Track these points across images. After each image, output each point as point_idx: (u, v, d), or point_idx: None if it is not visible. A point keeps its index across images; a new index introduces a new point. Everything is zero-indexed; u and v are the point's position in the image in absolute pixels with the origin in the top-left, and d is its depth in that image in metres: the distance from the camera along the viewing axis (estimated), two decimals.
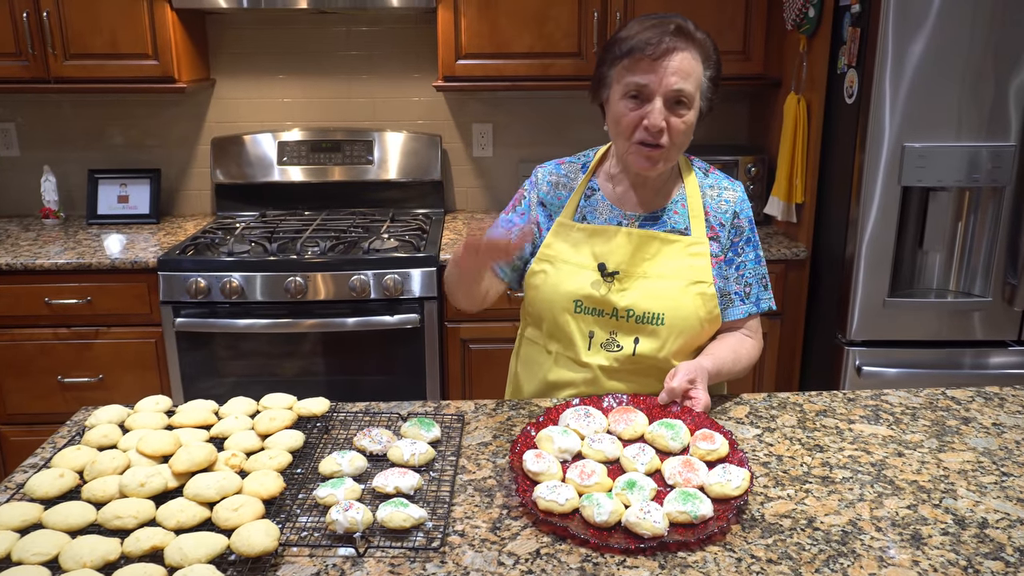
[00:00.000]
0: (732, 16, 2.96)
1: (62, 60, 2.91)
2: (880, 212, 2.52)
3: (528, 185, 1.72)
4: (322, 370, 2.81)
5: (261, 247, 2.80)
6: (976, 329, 2.62)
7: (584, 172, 1.68)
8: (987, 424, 1.51)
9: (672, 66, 1.47)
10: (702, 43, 1.51)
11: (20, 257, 2.74)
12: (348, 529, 1.14)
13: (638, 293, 1.58)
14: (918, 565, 1.10)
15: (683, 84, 1.48)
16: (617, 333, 1.60)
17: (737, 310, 1.66)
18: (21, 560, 1.08)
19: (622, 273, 1.59)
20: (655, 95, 1.48)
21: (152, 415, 1.46)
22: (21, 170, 3.37)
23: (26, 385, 2.81)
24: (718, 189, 1.66)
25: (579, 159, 1.72)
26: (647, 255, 1.59)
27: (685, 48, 1.48)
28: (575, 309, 1.60)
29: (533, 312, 1.68)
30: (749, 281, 1.66)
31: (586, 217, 1.65)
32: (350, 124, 3.40)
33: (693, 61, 1.49)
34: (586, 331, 1.61)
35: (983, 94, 2.42)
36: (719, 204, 1.64)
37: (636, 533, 1.13)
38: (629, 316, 1.58)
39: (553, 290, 1.62)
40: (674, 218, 1.63)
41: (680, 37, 1.48)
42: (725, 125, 3.45)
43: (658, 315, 1.57)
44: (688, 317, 1.58)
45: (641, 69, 1.48)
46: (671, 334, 1.58)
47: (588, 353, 1.61)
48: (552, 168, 1.71)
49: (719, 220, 1.63)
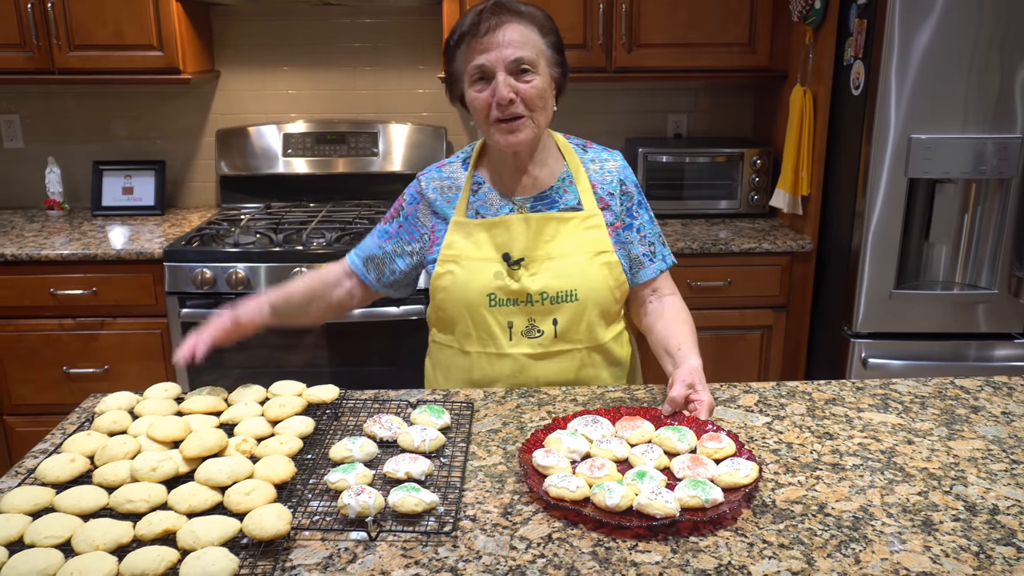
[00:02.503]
0: (737, 8, 2.96)
1: (67, 51, 2.90)
2: (886, 204, 2.52)
3: (408, 197, 1.73)
4: (328, 361, 2.81)
5: (267, 238, 2.80)
6: (982, 321, 2.62)
7: (466, 168, 1.70)
8: (996, 413, 1.51)
9: (502, 38, 1.51)
10: (530, 15, 1.55)
11: (25, 248, 2.74)
12: (360, 513, 1.14)
13: (548, 275, 1.61)
14: (930, 550, 1.10)
15: (519, 52, 1.52)
16: (535, 319, 1.62)
17: (648, 270, 1.71)
18: (34, 543, 1.08)
19: (527, 259, 1.61)
20: (495, 70, 1.52)
21: (161, 401, 1.46)
22: (26, 162, 3.37)
23: (32, 376, 2.82)
24: (599, 161, 1.70)
25: (458, 157, 1.74)
26: (547, 236, 1.62)
27: (511, 20, 1.52)
28: (490, 303, 1.62)
29: (444, 315, 1.69)
30: (651, 240, 1.71)
31: (479, 211, 1.66)
32: (355, 116, 3.40)
33: (525, 30, 1.53)
34: (505, 323, 1.63)
35: (990, 86, 2.41)
36: (603, 175, 1.68)
37: (648, 514, 1.13)
38: (544, 299, 1.61)
39: (464, 288, 1.63)
40: (564, 196, 1.66)
41: (503, 12, 1.53)
42: (731, 118, 3.45)
43: (571, 292, 1.61)
44: (599, 288, 1.62)
45: (476, 51, 1.53)
46: (586, 307, 1.62)
47: (511, 344, 1.64)
48: (434, 174, 1.72)
49: (607, 190, 1.67)
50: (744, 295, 2.88)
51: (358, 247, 1.78)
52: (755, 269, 2.84)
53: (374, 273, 1.74)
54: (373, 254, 1.74)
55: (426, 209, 1.70)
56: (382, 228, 1.75)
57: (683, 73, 3.06)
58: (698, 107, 3.44)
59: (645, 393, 1.60)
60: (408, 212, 1.71)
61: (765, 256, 2.83)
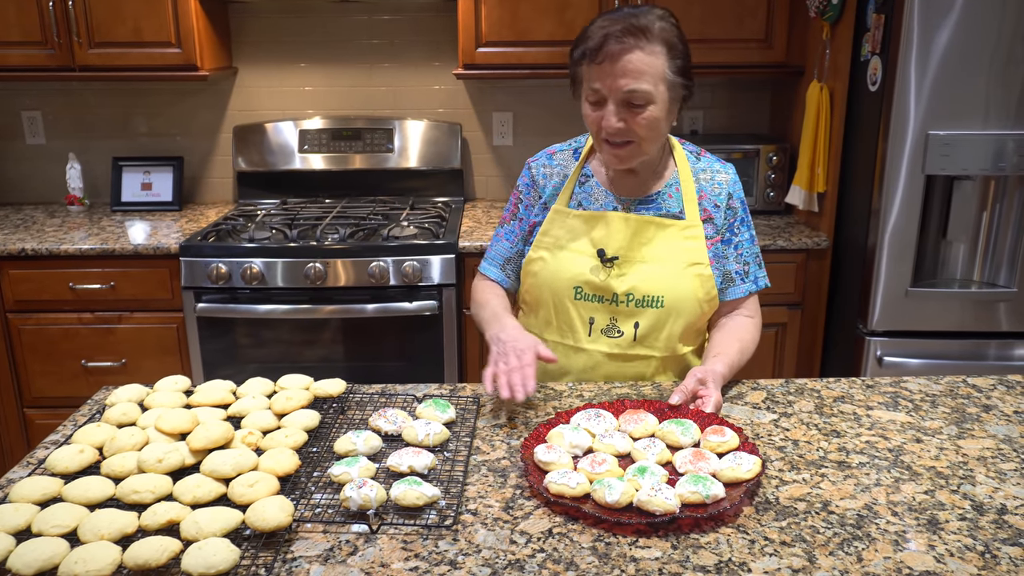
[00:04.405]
0: (754, 4, 2.93)
1: (87, 48, 2.94)
2: (903, 201, 2.49)
3: (523, 187, 1.73)
4: (341, 356, 2.82)
5: (282, 234, 2.82)
6: (1001, 320, 2.58)
7: (576, 158, 1.69)
8: (1008, 412, 1.49)
9: (621, 68, 1.46)
10: (661, 36, 1.48)
11: (45, 243, 2.78)
12: (362, 506, 1.15)
13: (637, 277, 1.59)
14: (934, 549, 1.08)
15: (635, 85, 1.47)
16: (617, 319, 1.61)
17: (738, 289, 1.68)
18: (41, 532, 1.10)
19: (621, 258, 1.60)
20: (607, 99, 1.50)
21: (171, 394, 1.48)
22: (47, 158, 3.42)
23: (51, 369, 2.86)
24: (711, 172, 1.67)
25: (570, 145, 1.73)
26: (644, 240, 1.61)
27: (637, 46, 1.46)
28: (575, 295, 1.62)
29: (531, 299, 1.69)
30: (747, 260, 1.69)
31: (582, 203, 1.66)
32: (371, 112, 3.41)
33: (649, 57, 1.47)
34: (586, 317, 1.62)
35: (1012, 81, 2.37)
36: (713, 187, 1.65)
37: (648, 511, 1.13)
38: (629, 300, 1.59)
39: (553, 276, 1.63)
40: (668, 202, 1.64)
41: (631, 35, 1.46)
42: (747, 114, 3.42)
43: (658, 298, 1.59)
44: (687, 298, 1.60)
45: (594, 74, 1.50)
46: (671, 316, 1.60)
47: (588, 339, 1.63)
48: (544, 160, 1.72)
49: (713, 203, 1.64)
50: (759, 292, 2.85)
51: (487, 257, 1.77)
52: (770, 266, 2.76)
53: (514, 276, 1.75)
54: (508, 256, 1.74)
55: (536, 195, 1.70)
56: (507, 228, 1.75)
57: (699, 69, 2.97)
58: (714, 103, 3.42)
59: (651, 390, 1.59)
60: (527, 202, 1.72)
61: (780, 253, 2.81)
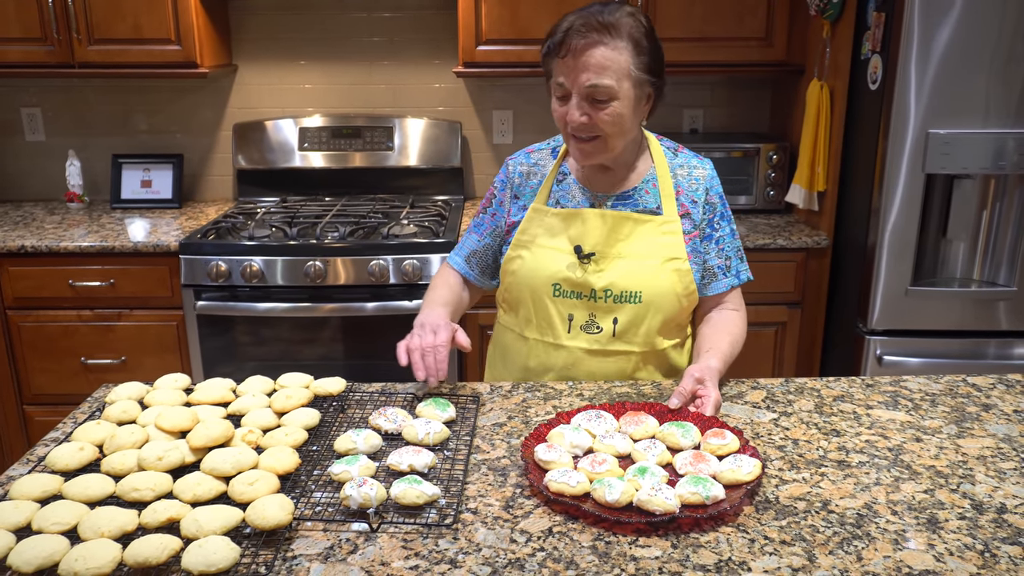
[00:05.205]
0: (754, 2, 2.93)
1: (86, 45, 2.94)
2: (903, 200, 2.49)
3: (499, 183, 1.74)
4: (341, 354, 2.82)
5: (281, 232, 2.82)
6: (1001, 319, 2.58)
7: (554, 157, 1.70)
8: (1008, 411, 1.49)
9: (584, 63, 1.46)
10: (626, 32, 1.48)
11: (45, 240, 2.78)
12: (362, 505, 1.15)
13: (615, 273, 1.60)
14: (934, 548, 1.09)
15: (597, 80, 1.47)
16: (596, 315, 1.62)
17: (720, 283, 1.68)
18: (41, 529, 1.10)
19: (598, 254, 1.60)
20: (571, 93, 1.50)
21: (171, 392, 1.48)
22: (47, 155, 3.41)
23: (50, 366, 2.86)
24: (688, 168, 1.67)
25: (548, 144, 1.73)
26: (621, 235, 1.61)
27: (601, 41, 1.46)
28: (554, 292, 1.62)
29: (510, 298, 1.70)
30: (728, 254, 1.69)
31: (559, 201, 1.66)
32: (371, 110, 3.41)
33: (612, 52, 1.46)
34: (565, 314, 1.63)
35: (1012, 79, 2.37)
36: (690, 183, 1.65)
37: (648, 510, 1.13)
38: (607, 296, 1.60)
39: (531, 274, 1.63)
40: (645, 198, 1.64)
41: (595, 31, 1.46)
42: (747, 112, 3.42)
43: (636, 293, 1.59)
44: (665, 293, 1.60)
45: (559, 69, 1.51)
46: (649, 311, 1.60)
47: (568, 336, 1.63)
48: (523, 158, 1.72)
49: (691, 198, 1.65)
50: (758, 291, 2.84)
51: (456, 248, 1.78)
52: (770, 265, 2.82)
53: (477, 268, 1.75)
54: (474, 249, 1.75)
55: (510, 193, 1.71)
56: (476, 221, 1.75)
57: (699, 67, 3.04)
58: (714, 102, 3.41)
59: (652, 389, 1.59)
60: (500, 198, 1.72)
61: (780, 252, 2.81)
